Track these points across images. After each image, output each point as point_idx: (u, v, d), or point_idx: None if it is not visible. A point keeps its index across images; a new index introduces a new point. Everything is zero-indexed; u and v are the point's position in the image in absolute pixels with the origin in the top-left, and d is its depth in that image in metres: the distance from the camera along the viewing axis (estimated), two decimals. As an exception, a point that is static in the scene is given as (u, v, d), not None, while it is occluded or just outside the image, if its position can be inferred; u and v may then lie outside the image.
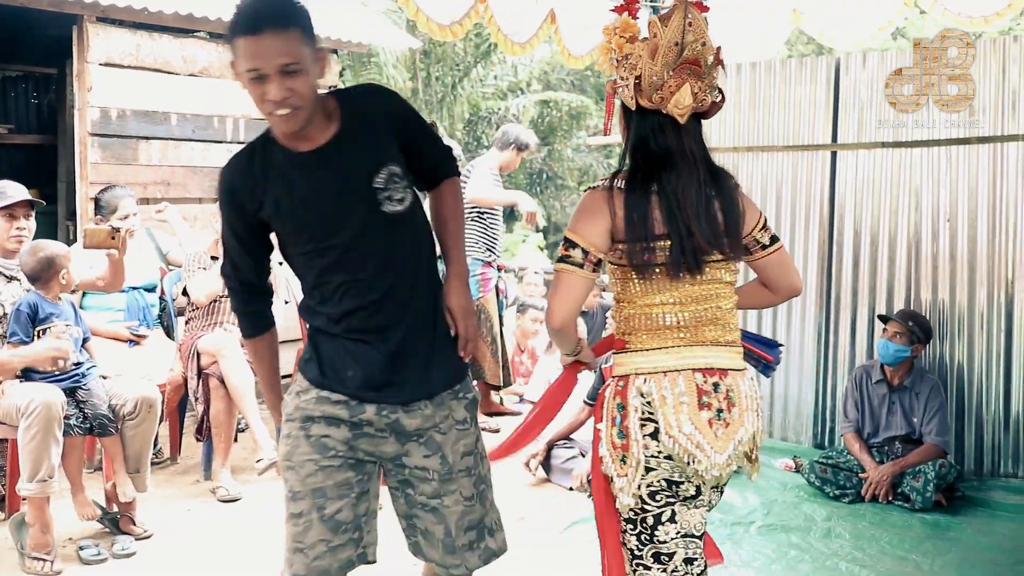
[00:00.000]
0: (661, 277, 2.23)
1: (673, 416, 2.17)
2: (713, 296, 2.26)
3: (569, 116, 19.90)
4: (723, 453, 2.18)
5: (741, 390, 2.24)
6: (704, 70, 2.24)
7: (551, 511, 4.40)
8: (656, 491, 2.20)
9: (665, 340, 2.24)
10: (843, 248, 5.44)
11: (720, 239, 2.23)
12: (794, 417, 5.67)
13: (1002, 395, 5.00)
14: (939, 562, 3.87)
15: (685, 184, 2.23)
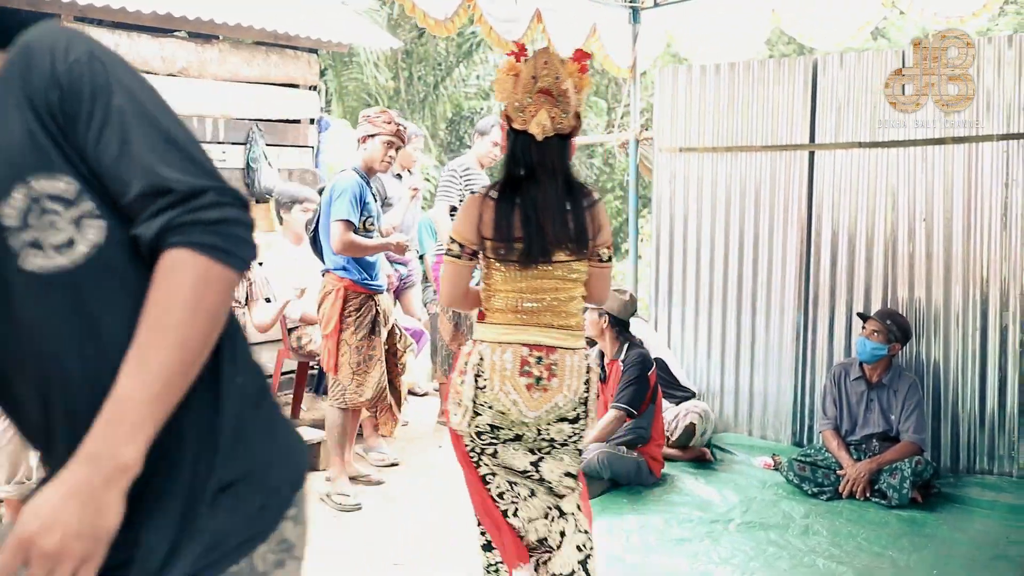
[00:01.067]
0: (515, 270, 2.78)
1: (498, 378, 2.75)
2: (554, 289, 2.80)
3: (551, 115, 19.88)
4: (536, 411, 2.75)
5: (566, 364, 2.78)
6: (557, 99, 2.73)
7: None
8: (481, 431, 2.79)
9: (508, 319, 2.81)
10: (821, 247, 5.49)
11: (567, 243, 2.75)
12: (773, 415, 5.72)
13: (977, 393, 5.05)
14: (915, 558, 3.91)
15: (543, 193, 2.74)
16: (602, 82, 21.46)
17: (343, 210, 4.33)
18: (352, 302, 4.43)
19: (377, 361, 4.52)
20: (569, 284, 2.82)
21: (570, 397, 2.78)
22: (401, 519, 4.27)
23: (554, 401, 2.76)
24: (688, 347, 6.01)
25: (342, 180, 4.44)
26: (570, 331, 2.83)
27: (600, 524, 4.17)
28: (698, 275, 5.94)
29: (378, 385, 4.52)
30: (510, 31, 5.65)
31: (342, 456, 4.51)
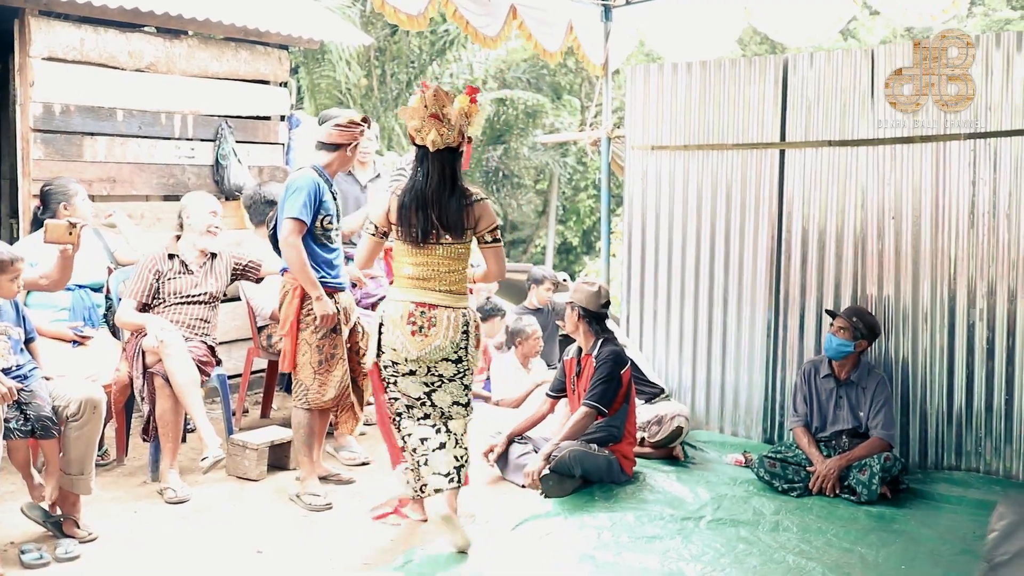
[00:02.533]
0: (412, 246, 3.83)
1: (392, 326, 3.82)
2: (438, 263, 3.83)
3: (525, 114, 19.91)
4: (419, 352, 3.79)
5: (441, 319, 3.79)
6: (444, 122, 3.69)
7: (502, 509, 4.39)
8: (387, 365, 3.88)
9: (404, 284, 3.87)
10: (791, 245, 5.52)
11: (448, 229, 3.78)
12: (744, 412, 5.75)
13: (945, 389, 5.11)
14: (883, 553, 3.94)
15: (433, 190, 3.76)
16: (576, 80, 21.51)
17: (295, 208, 4.23)
18: (310, 301, 4.36)
19: (339, 360, 4.45)
20: (452, 260, 3.85)
21: (447, 343, 3.80)
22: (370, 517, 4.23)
23: (434, 344, 3.79)
24: (660, 344, 6.03)
25: (299, 177, 4.33)
26: (451, 294, 3.85)
27: (571, 522, 4.20)
28: (670, 272, 5.96)
29: (341, 384, 4.46)
30: (487, 26, 5.64)
31: (311, 456, 4.47)
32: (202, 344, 4.70)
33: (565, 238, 22.47)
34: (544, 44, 6.08)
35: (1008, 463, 4.96)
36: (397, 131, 16.54)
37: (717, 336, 5.81)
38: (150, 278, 4.67)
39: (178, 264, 4.75)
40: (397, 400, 3.93)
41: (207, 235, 4.82)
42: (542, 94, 19.99)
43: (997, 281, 4.93)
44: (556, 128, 20.13)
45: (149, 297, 4.67)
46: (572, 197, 22.16)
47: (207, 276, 4.81)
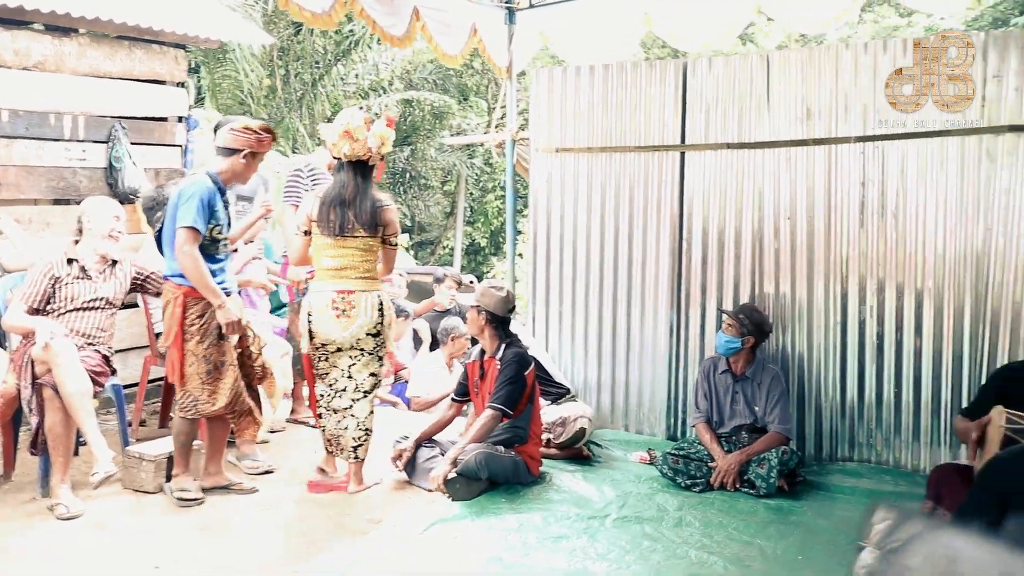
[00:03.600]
0: (331, 240, 4.41)
1: (317, 313, 4.43)
2: (353, 254, 4.43)
3: (432, 115, 19.85)
4: (343, 333, 4.42)
5: (360, 302, 4.42)
6: (355, 139, 4.34)
7: (410, 514, 4.36)
8: (316, 347, 4.50)
9: (324, 276, 4.47)
10: (692, 245, 5.63)
11: (361, 225, 4.39)
12: (648, 410, 5.84)
13: (838, 383, 5.29)
14: (782, 545, 4.04)
15: (345, 195, 4.41)
16: (482, 82, 21.55)
17: (189, 216, 4.11)
18: (193, 309, 4.21)
19: (229, 367, 4.34)
20: (364, 251, 4.46)
21: (366, 321, 4.44)
22: (274, 528, 4.15)
23: (357, 324, 4.43)
24: (566, 344, 6.08)
25: (191, 184, 4.20)
26: (365, 280, 4.47)
27: (479, 524, 4.19)
28: (575, 273, 6.02)
29: (232, 391, 4.34)
30: (393, 26, 5.59)
31: (186, 462, 4.39)
32: (96, 353, 4.54)
33: (473, 239, 22.49)
34: (444, 47, 6.05)
35: (898, 453, 5.16)
36: (302, 132, 16.31)
37: (621, 335, 5.89)
38: (45, 283, 4.48)
39: (77, 269, 4.57)
40: (327, 376, 4.56)
41: (108, 240, 4.66)
42: (449, 95, 19.96)
43: (886, 279, 5.13)
44: (463, 130, 20.13)
45: (42, 303, 4.48)
46: (480, 198, 22.20)
47: (106, 282, 4.65)
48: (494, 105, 21.99)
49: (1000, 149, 4.80)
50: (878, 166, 5.09)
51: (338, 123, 4.36)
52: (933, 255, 5.00)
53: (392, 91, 18.96)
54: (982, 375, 4.86)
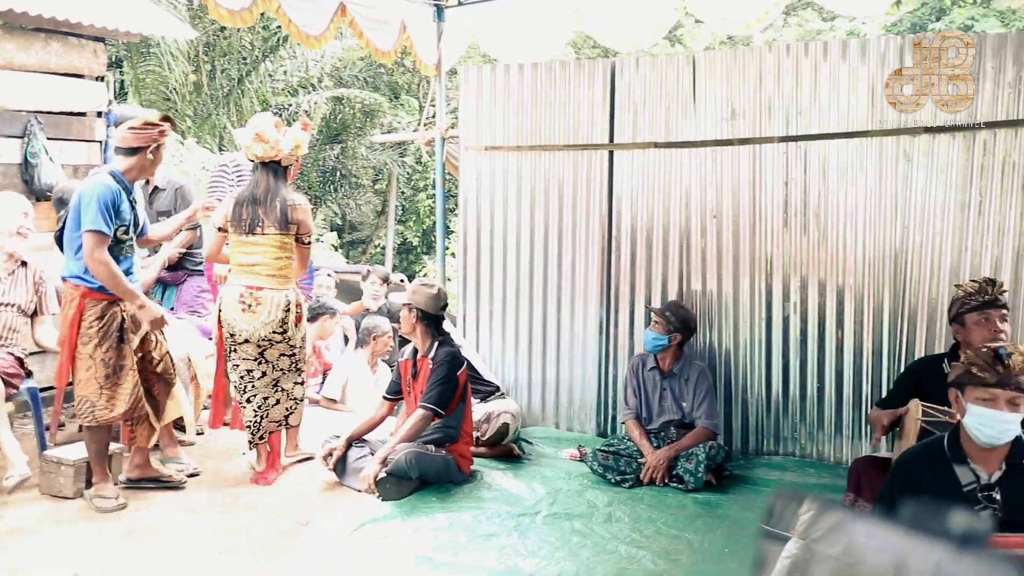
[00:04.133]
0: (244, 237, 4.61)
1: (227, 306, 4.62)
2: (264, 252, 4.60)
3: (362, 113, 19.67)
4: (249, 325, 4.58)
5: (267, 298, 4.58)
6: (268, 141, 4.55)
7: (339, 514, 4.31)
8: (227, 338, 4.67)
9: (237, 271, 4.66)
10: (621, 244, 5.68)
11: (272, 223, 4.58)
12: (578, 407, 5.88)
13: (763, 379, 5.38)
14: (709, 538, 4.11)
15: (257, 195, 4.62)
16: (413, 80, 21.43)
17: (91, 220, 4.00)
18: (92, 311, 4.11)
19: (129, 371, 4.22)
20: (276, 248, 4.62)
21: (270, 319, 4.60)
22: (200, 532, 4.07)
23: (260, 320, 4.59)
24: (496, 342, 6.08)
25: (91, 187, 4.08)
26: (274, 278, 4.63)
27: (410, 524, 4.17)
28: (505, 271, 6.02)
29: (132, 396, 4.22)
30: (310, 24, 5.51)
31: (104, 469, 4.28)
32: (9, 356, 4.40)
33: (405, 238, 22.37)
34: (376, 43, 6.01)
35: (821, 447, 5.28)
36: (229, 129, 16.02)
37: (551, 333, 5.92)
38: None
39: None
40: (238, 366, 4.72)
41: (17, 237, 4.51)
42: (379, 93, 19.80)
43: (809, 276, 5.24)
44: (394, 128, 20.00)
45: None
46: (411, 197, 22.08)
47: (15, 285, 4.51)
48: (425, 103, 21.91)
49: (916, 150, 4.95)
50: (800, 166, 5.20)
51: (250, 127, 4.60)
52: (854, 253, 5.13)
53: (322, 88, 18.73)
54: (901, 369, 4.99)
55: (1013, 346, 2.97)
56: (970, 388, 2.98)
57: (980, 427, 2.93)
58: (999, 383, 2.91)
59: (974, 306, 3.89)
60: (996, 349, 2.97)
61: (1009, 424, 2.90)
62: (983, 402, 2.93)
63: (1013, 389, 2.90)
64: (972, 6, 17.46)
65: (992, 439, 2.92)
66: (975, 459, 3.00)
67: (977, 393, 2.95)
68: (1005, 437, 2.91)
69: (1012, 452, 2.97)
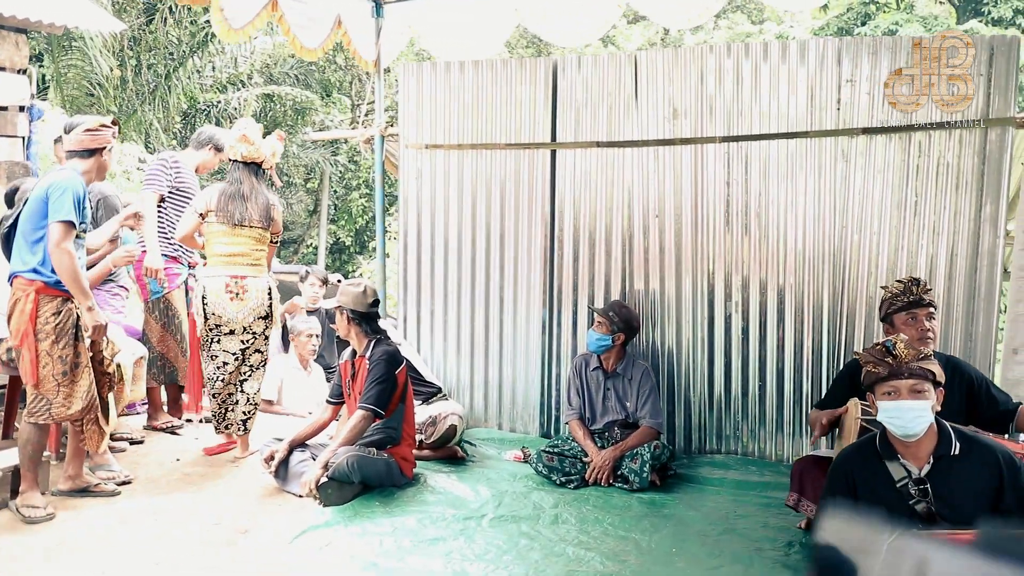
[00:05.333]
0: (227, 228, 4.87)
1: (212, 295, 4.86)
2: (246, 243, 4.91)
3: (294, 111, 19.37)
4: (237, 313, 4.87)
5: (251, 286, 4.89)
6: (254, 143, 4.93)
7: (279, 521, 4.20)
8: (210, 328, 4.90)
9: (218, 262, 4.91)
10: (564, 243, 5.66)
11: (255, 217, 4.89)
12: (521, 408, 5.84)
13: (706, 377, 5.41)
14: (656, 538, 4.10)
15: (244, 191, 4.91)
16: (346, 78, 21.18)
17: (65, 210, 3.94)
18: (48, 307, 4.01)
19: (85, 368, 4.14)
20: (256, 241, 4.95)
21: (257, 304, 4.92)
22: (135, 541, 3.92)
23: (248, 306, 4.89)
24: (438, 343, 6.01)
25: (64, 179, 4.02)
26: (255, 267, 4.95)
27: (352, 529, 4.07)
28: (446, 272, 5.95)
29: (88, 394, 4.14)
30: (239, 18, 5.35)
31: (35, 475, 4.12)
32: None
33: (338, 237, 22.11)
34: (303, 40, 5.81)
35: (762, 444, 5.33)
36: (156, 126, 15.61)
37: (494, 334, 5.87)
38: None
39: None
40: (216, 357, 4.94)
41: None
42: (311, 91, 19.51)
43: (750, 275, 5.28)
44: (327, 126, 19.73)
45: None
46: (344, 196, 21.84)
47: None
48: (358, 102, 21.67)
49: (854, 151, 5.02)
50: (742, 166, 5.24)
51: (237, 128, 4.97)
52: (794, 252, 5.19)
53: (252, 85, 18.40)
54: (840, 366, 5.07)
55: (897, 337, 3.06)
56: (876, 386, 3.10)
57: (892, 420, 3.01)
58: (893, 374, 3.02)
59: (900, 306, 3.97)
60: (884, 342, 3.08)
61: (916, 412, 2.97)
62: (887, 396, 3.04)
63: (908, 377, 2.98)
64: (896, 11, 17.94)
65: (904, 430, 2.99)
66: (904, 454, 3.06)
67: (881, 389, 3.06)
68: (918, 425, 2.98)
69: (939, 444, 3.02)
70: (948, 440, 3.03)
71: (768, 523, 4.30)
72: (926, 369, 3.01)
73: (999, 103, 4.77)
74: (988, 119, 4.78)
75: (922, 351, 3.07)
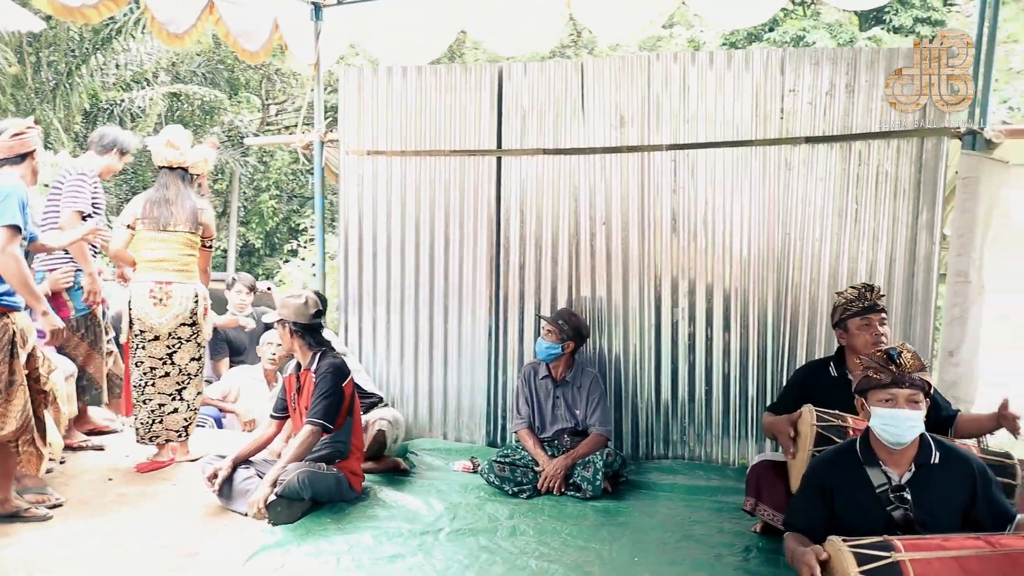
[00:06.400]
0: (154, 233, 4.91)
1: (137, 301, 4.88)
2: (173, 248, 4.92)
3: (202, 111, 18.87)
4: (160, 319, 4.87)
5: (176, 292, 4.89)
6: (179, 148, 4.98)
7: (229, 542, 4.03)
8: (136, 334, 4.92)
9: (145, 267, 4.92)
10: (510, 251, 5.61)
11: (180, 221, 4.91)
12: (468, 417, 5.77)
13: (654, 383, 5.44)
14: (616, 547, 4.08)
15: (168, 196, 4.96)
16: (255, 77, 20.70)
17: (11, 214, 3.83)
18: None
19: (19, 387, 3.96)
20: (184, 245, 4.96)
21: (182, 310, 4.91)
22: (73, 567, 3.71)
23: (172, 312, 4.89)
24: (381, 352, 5.89)
25: (8, 184, 3.90)
26: (183, 273, 4.95)
27: (306, 549, 3.95)
28: (389, 280, 5.84)
29: (24, 414, 3.96)
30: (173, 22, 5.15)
31: None
32: None
33: (247, 240, 21.63)
34: (244, 44, 5.65)
35: (709, 449, 5.39)
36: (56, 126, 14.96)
37: (439, 342, 5.78)
38: None
39: None
40: (142, 363, 4.93)
41: None
42: (219, 90, 19.01)
43: (696, 281, 5.33)
44: (236, 126, 19.26)
45: None
46: (253, 198, 21.37)
47: None
48: (269, 101, 21.20)
49: (797, 159, 5.12)
50: (688, 173, 5.28)
51: (162, 135, 5.02)
52: (739, 258, 5.25)
53: (157, 84, 17.83)
54: (784, 370, 5.17)
55: (902, 345, 3.12)
56: (871, 392, 3.11)
57: (885, 428, 3.05)
58: (894, 382, 3.05)
59: (855, 312, 4.06)
60: (888, 350, 3.12)
61: (911, 422, 3.02)
62: (884, 403, 3.06)
63: (908, 387, 3.04)
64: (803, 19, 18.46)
65: (897, 438, 3.03)
66: (886, 461, 3.11)
67: (878, 395, 3.08)
68: (909, 435, 3.03)
69: (920, 452, 3.09)
70: (928, 449, 3.10)
71: (724, 528, 4.34)
72: (925, 380, 3.07)
73: (934, 113, 4.92)
74: (924, 129, 4.93)
75: (922, 361, 3.11)
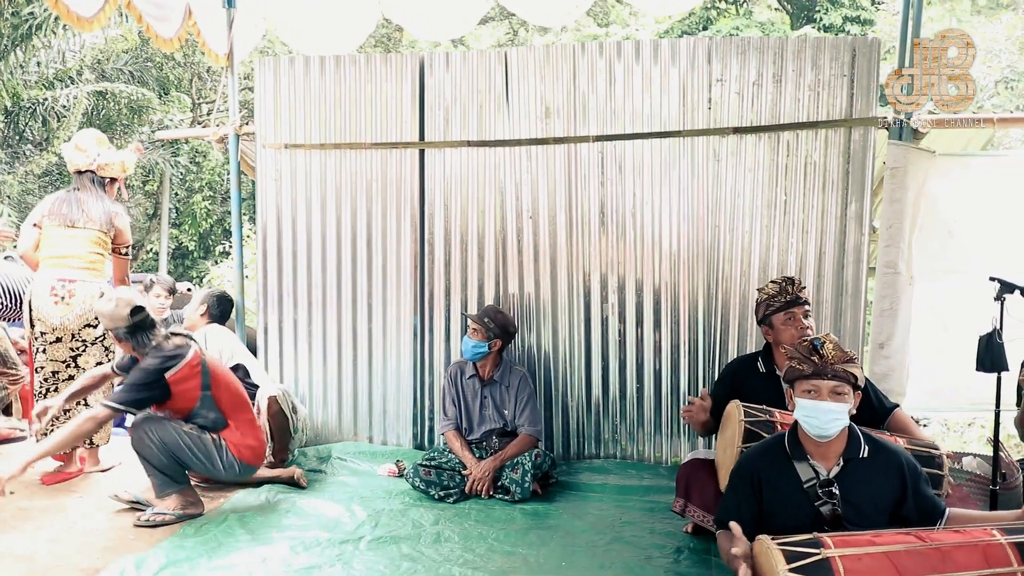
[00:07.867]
0: (62, 229, 4.75)
1: (38, 299, 4.65)
2: (80, 245, 4.74)
3: (129, 110, 18.29)
4: (62, 319, 4.64)
5: (79, 291, 4.67)
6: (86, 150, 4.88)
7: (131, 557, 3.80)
8: (37, 336, 4.68)
9: (48, 264, 4.71)
10: (435, 246, 5.44)
11: (90, 218, 4.77)
12: (394, 419, 5.58)
13: (584, 381, 5.32)
14: (544, 552, 3.94)
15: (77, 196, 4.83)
16: (185, 75, 20.20)
17: None
18: None
19: None
20: (93, 244, 4.79)
21: (84, 310, 4.68)
22: None
23: (74, 312, 4.66)
24: (303, 354, 5.66)
25: None
26: (88, 271, 4.75)
27: (219, 562, 3.76)
28: (309, 277, 5.62)
29: None
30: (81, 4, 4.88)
31: None
32: None
33: (180, 242, 21.12)
34: (158, 30, 5.41)
35: (641, 447, 5.28)
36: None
37: (362, 342, 5.58)
38: None
39: None
40: (44, 368, 4.70)
41: None
42: (147, 88, 18.49)
43: (626, 277, 5.22)
44: (166, 126, 18.75)
45: None
46: (186, 199, 20.85)
47: None
48: (200, 100, 20.70)
49: (725, 150, 5.04)
50: (616, 166, 5.16)
51: (73, 139, 4.98)
52: (669, 252, 5.16)
53: (82, 82, 17.26)
54: (715, 365, 5.08)
55: (827, 336, 3.05)
56: (797, 383, 3.05)
57: (807, 419, 2.98)
58: (816, 373, 2.99)
59: (778, 307, 3.98)
60: (812, 340, 3.04)
61: (834, 414, 2.95)
62: (807, 394, 3.00)
63: (831, 378, 2.96)
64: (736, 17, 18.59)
65: (820, 430, 2.96)
66: (814, 455, 3.03)
67: (802, 386, 3.02)
68: (833, 428, 2.95)
69: (849, 446, 3.01)
70: (857, 443, 3.01)
71: (655, 529, 4.23)
72: (849, 372, 2.98)
73: (861, 103, 4.87)
74: (851, 119, 4.88)
75: (848, 353, 3.03)
